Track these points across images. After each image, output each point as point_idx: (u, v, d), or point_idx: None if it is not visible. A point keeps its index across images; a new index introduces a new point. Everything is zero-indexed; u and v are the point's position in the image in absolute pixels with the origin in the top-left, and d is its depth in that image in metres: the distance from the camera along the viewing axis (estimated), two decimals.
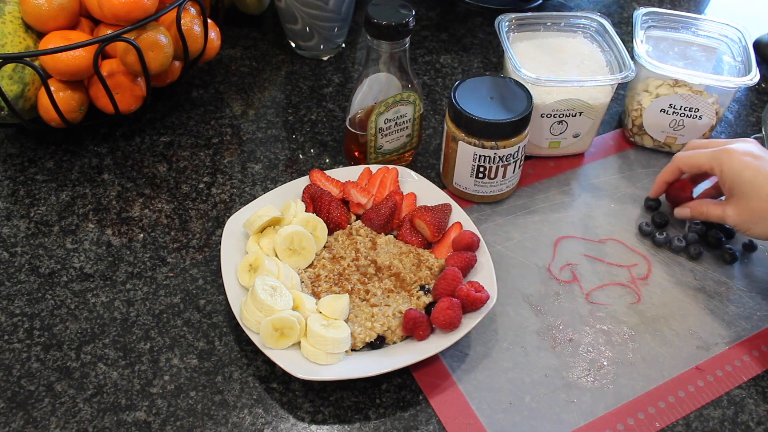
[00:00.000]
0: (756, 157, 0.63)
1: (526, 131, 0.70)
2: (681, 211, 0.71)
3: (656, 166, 0.80)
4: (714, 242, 0.71)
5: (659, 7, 0.94)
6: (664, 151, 0.81)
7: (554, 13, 0.81)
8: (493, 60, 0.95)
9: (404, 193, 0.71)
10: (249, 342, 0.61)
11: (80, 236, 0.70)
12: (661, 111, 0.77)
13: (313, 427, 0.57)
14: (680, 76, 0.74)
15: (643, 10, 0.81)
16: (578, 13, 0.81)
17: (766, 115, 0.85)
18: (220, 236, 0.69)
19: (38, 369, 0.60)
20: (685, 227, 0.73)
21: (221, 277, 0.64)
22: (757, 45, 0.96)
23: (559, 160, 0.80)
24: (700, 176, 0.72)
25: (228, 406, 0.58)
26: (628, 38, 0.96)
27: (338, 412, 0.58)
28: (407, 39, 0.67)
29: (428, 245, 0.67)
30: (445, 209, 0.68)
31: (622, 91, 0.87)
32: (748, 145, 0.64)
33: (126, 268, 0.68)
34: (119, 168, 0.78)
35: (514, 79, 0.72)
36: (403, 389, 0.60)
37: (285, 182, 0.74)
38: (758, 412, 0.60)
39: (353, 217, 0.70)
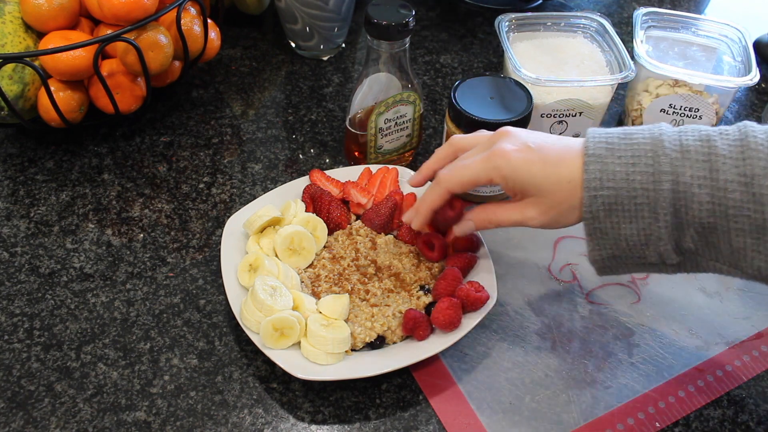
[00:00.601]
0: (530, 148, 0.54)
1: None
2: (463, 226, 0.60)
3: None
4: None
5: (659, 7, 0.94)
6: None
7: (554, 13, 0.81)
8: (493, 60, 0.95)
9: (404, 193, 0.71)
10: (249, 342, 0.61)
11: (80, 236, 0.70)
12: (661, 111, 0.77)
13: (313, 427, 0.57)
14: (680, 76, 0.74)
15: (643, 10, 0.81)
16: (578, 13, 0.81)
17: (766, 115, 0.85)
18: (220, 236, 0.69)
19: (38, 369, 0.60)
20: None
21: (221, 277, 0.64)
22: (757, 45, 0.96)
23: None
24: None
25: (228, 406, 0.58)
26: (628, 38, 0.96)
27: (338, 412, 0.58)
28: (407, 39, 0.67)
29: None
30: None
31: (622, 91, 0.87)
32: (514, 138, 0.55)
33: (126, 268, 0.68)
34: (119, 168, 0.78)
35: (514, 79, 0.72)
36: (403, 389, 0.60)
37: (285, 182, 0.74)
38: (758, 412, 0.60)
39: (353, 217, 0.70)
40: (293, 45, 0.93)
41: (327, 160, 0.79)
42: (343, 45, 0.94)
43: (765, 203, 0.46)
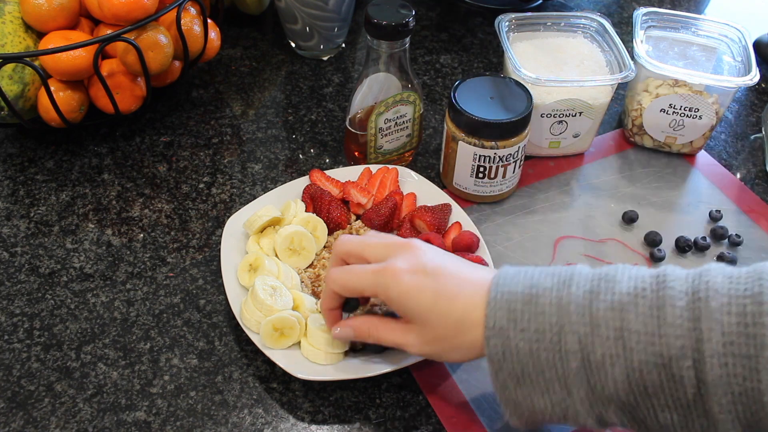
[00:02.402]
0: (426, 272, 0.50)
1: (526, 131, 0.70)
2: (342, 333, 0.55)
3: (656, 166, 0.80)
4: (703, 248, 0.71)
5: (659, 7, 0.94)
6: (664, 151, 0.81)
7: (554, 13, 0.81)
8: (493, 60, 0.95)
9: (404, 193, 0.71)
10: (249, 342, 0.61)
11: (80, 236, 0.70)
12: (661, 111, 0.77)
13: (313, 427, 0.57)
14: (680, 76, 0.74)
15: (643, 10, 0.81)
16: (578, 13, 0.81)
17: (766, 115, 0.85)
18: (220, 236, 0.69)
19: (38, 369, 0.60)
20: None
21: (221, 277, 0.64)
22: (757, 45, 0.96)
23: (559, 160, 0.80)
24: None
25: (228, 406, 0.58)
26: (628, 38, 0.96)
27: (338, 412, 0.58)
28: (407, 39, 0.67)
29: None
30: (445, 209, 0.68)
31: (622, 91, 0.87)
32: (412, 257, 0.51)
33: (126, 268, 0.68)
34: (119, 168, 0.78)
35: (514, 79, 0.72)
36: (403, 389, 0.60)
37: (285, 182, 0.74)
38: None
39: (353, 217, 0.70)
40: (293, 45, 0.93)
41: (327, 160, 0.79)
42: (343, 45, 0.94)
43: (686, 384, 0.42)
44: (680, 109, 0.76)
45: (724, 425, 0.42)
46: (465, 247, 0.65)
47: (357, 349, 0.60)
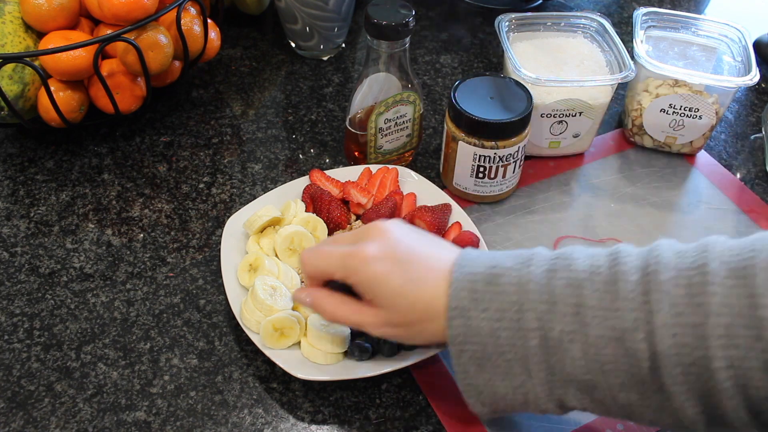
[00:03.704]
0: (395, 258, 0.49)
1: (526, 131, 0.70)
2: (301, 298, 0.54)
3: (656, 166, 0.80)
4: None
5: (659, 7, 0.94)
6: (664, 151, 0.81)
7: (554, 13, 0.81)
8: (493, 60, 0.95)
9: (404, 193, 0.71)
10: (249, 342, 0.61)
11: (80, 236, 0.70)
12: (661, 111, 0.77)
13: (313, 427, 0.57)
14: (680, 76, 0.74)
15: (643, 10, 0.81)
16: (578, 13, 0.81)
17: (766, 115, 0.85)
18: (220, 236, 0.69)
19: (38, 369, 0.60)
20: None
21: (221, 277, 0.64)
22: (757, 45, 0.96)
23: (559, 160, 0.80)
24: None
25: (228, 406, 0.58)
26: (628, 38, 0.96)
27: (338, 412, 0.58)
28: (407, 39, 0.67)
29: None
30: (445, 209, 0.68)
31: (622, 91, 0.87)
32: (382, 242, 0.50)
33: (126, 268, 0.68)
34: (119, 168, 0.78)
35: (514, 79, 0.72)
36: (403, 389, 0.60)
37: (285, 182, 0.74)
38: None
39: (353, 217, 0.70)
40: (293, 45, 0.93)
41: (327, 160, 0.79)
42: (343, 45, 0.94)
43: (640, 357, 0.42)
44: (680, 109, 0.76)
45: (679, 398, 0.42)
46: (464, 246, 0.64)
47: (363, 359, 0.59)
